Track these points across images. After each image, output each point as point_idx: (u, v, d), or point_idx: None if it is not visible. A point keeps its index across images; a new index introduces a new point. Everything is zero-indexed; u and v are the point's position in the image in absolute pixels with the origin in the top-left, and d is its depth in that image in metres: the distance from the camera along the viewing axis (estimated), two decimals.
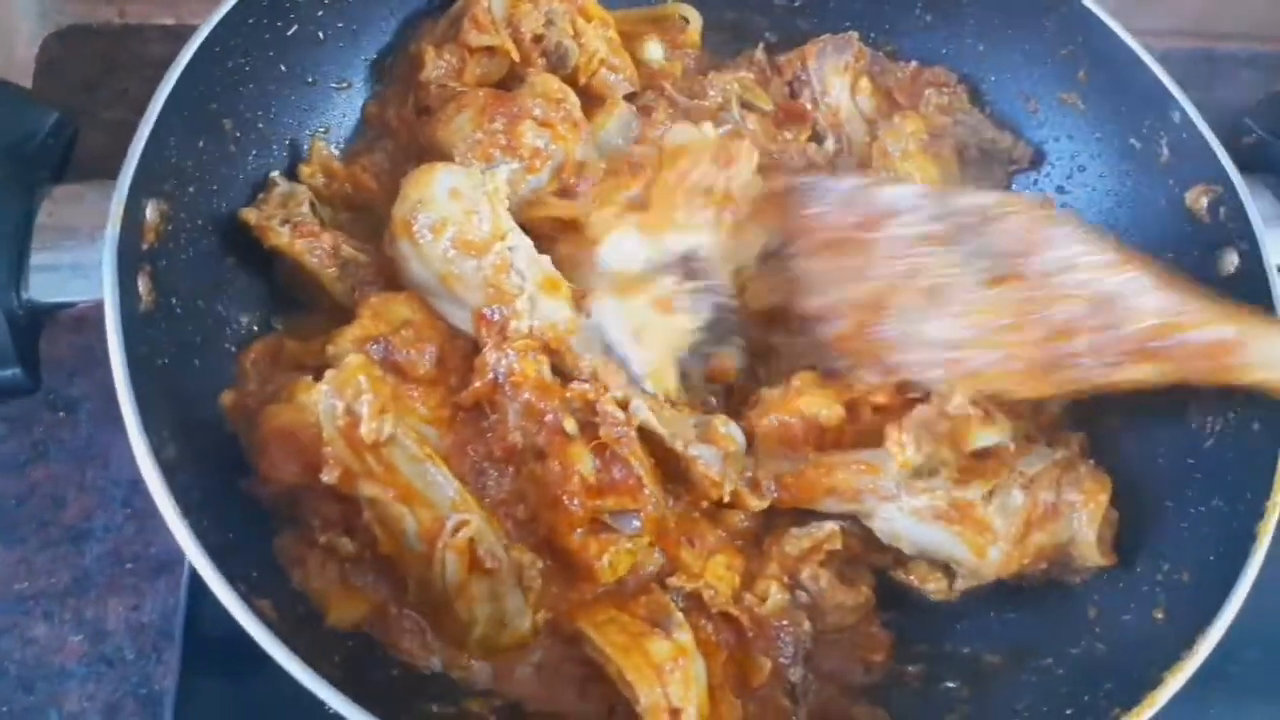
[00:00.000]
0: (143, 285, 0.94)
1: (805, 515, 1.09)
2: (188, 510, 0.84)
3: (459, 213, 1.04)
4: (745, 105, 1.31)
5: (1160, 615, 0.99)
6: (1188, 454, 1.08)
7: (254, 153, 1.14)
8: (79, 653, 1.17)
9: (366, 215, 1.17)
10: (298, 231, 1.08)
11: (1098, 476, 1.06)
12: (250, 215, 1.09)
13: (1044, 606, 1.08)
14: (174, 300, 0.99)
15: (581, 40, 1.25)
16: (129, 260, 0.92)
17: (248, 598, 0.83)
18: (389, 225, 1.07)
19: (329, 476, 0.93)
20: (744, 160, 1.12)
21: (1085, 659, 1.01)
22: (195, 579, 1.08)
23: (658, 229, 1.09)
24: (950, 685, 1.05)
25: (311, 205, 1.13)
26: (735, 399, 1.14)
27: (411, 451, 0.97)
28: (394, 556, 0.96)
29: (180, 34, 1.52)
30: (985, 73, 1.35)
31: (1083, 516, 1.04)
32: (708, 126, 1.16)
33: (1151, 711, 0.88)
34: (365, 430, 0.94)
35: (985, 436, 1.05)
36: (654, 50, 1.33)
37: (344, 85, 1.25)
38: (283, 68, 1.16)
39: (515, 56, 1.23)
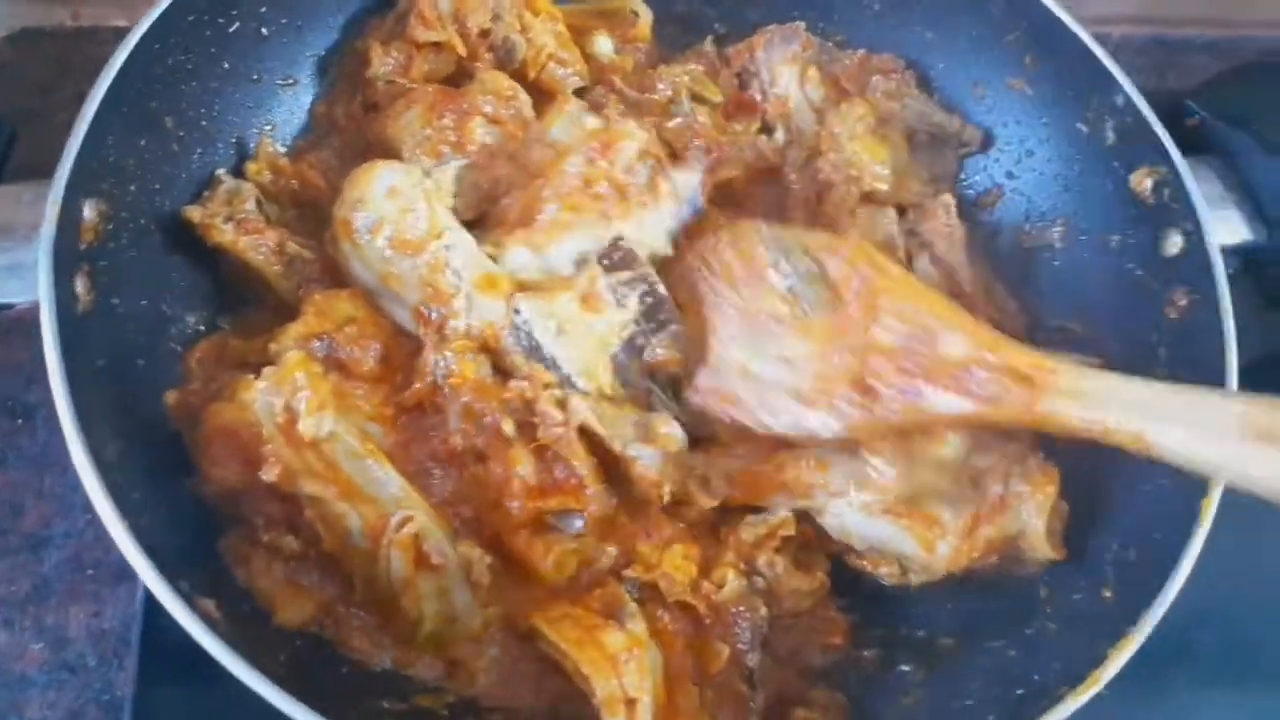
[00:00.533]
0: (80, 285, 0.94)
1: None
2: (126, 510, 0.83)
3: (395, 211, 1.04)
4: (695, 98, 1.31)
5: (1109, 594, 1.00)
6: None
7: (198, 151, 1.13)
8: (40, 660, 1.16)
9: (313, 212, 1.16)
10: (242, 229, 1.08)
11: (1046, 469, 1.06)
12: (194, 213, 1.08)
13: (997, 588, 1.08)
14: (115, 300, 0.99)
15: (529, 35, 1.25)
16: (66, 260, 0.92)
17: (189, 597, 0.82)
18: (330, 225, 1.07)
19: (269, 474, 0.93)
20: (624, 143, 1.12)
21: (1036, 640, 1.01)
22: None
23: (547, 239, 1.09)
24: (905, 668, 1.05)
25: (258, 203, 1.12)
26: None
27: (353, 448, 0.96)
28: (338, 554, 0.95)
29: None
30: (933, 60, 1.35)
31: (1031, 508, 1.04)
32: (590, 118, 1.16)
33: (1097, 688, 0.89)
34: (303, 426, 0.94)
35: (951, 444, 1.05)
36: (604, 45, 1.33)
37: (290, 82, 1.24)
38: (226, 65, 1.15)
39: (462, 52, 1.23)
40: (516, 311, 1.05)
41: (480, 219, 1.15)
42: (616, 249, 1.09)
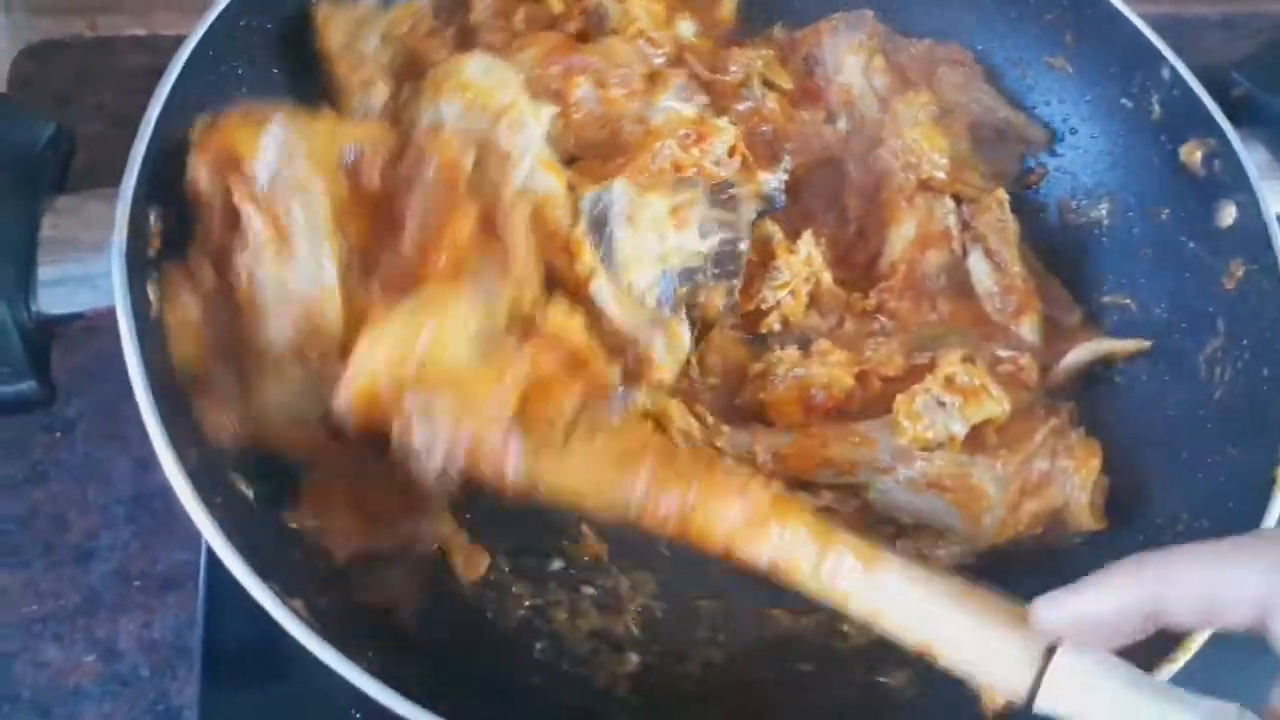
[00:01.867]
0: (153, 292, 0.92)
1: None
2: (215, 515, 0.82)
3: (487, 84, 1.05)
4: (766, 83, 1.29)
5: None
6: (1197, 405, 1.09)
7: None
8: (93, 673, 1.16)
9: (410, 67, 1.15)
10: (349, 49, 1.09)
11: (1088, 444, 1.07)
12: (323, 10, 1.10)
13: (1056, 563, 1.06)
14: None
15: (626, 5, 1.25)
16: (138, 267, 0.90)
17: (281, 598, 0.81)
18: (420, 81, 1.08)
19: None
20: (716, 138, 1.14)
21: None
22: (212, 591, 1.09)
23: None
24: None
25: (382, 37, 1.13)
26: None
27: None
28: None
29: (153, 44, 1.53)
30: (971, 41, 1.35)
31: (1075, 482, 1.05)
32: (687, 106, 1.17)
33: (1187, 656, 0.88)
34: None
35: (989, 408, 1.06)
36: (686, 28, 1.30)
37: None
38: None
39: (558, 8, 1.23)
40: (609, 189, 1.06)
41: None
42: (726, 190, 1.11)
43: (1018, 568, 1.06)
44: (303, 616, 0.82)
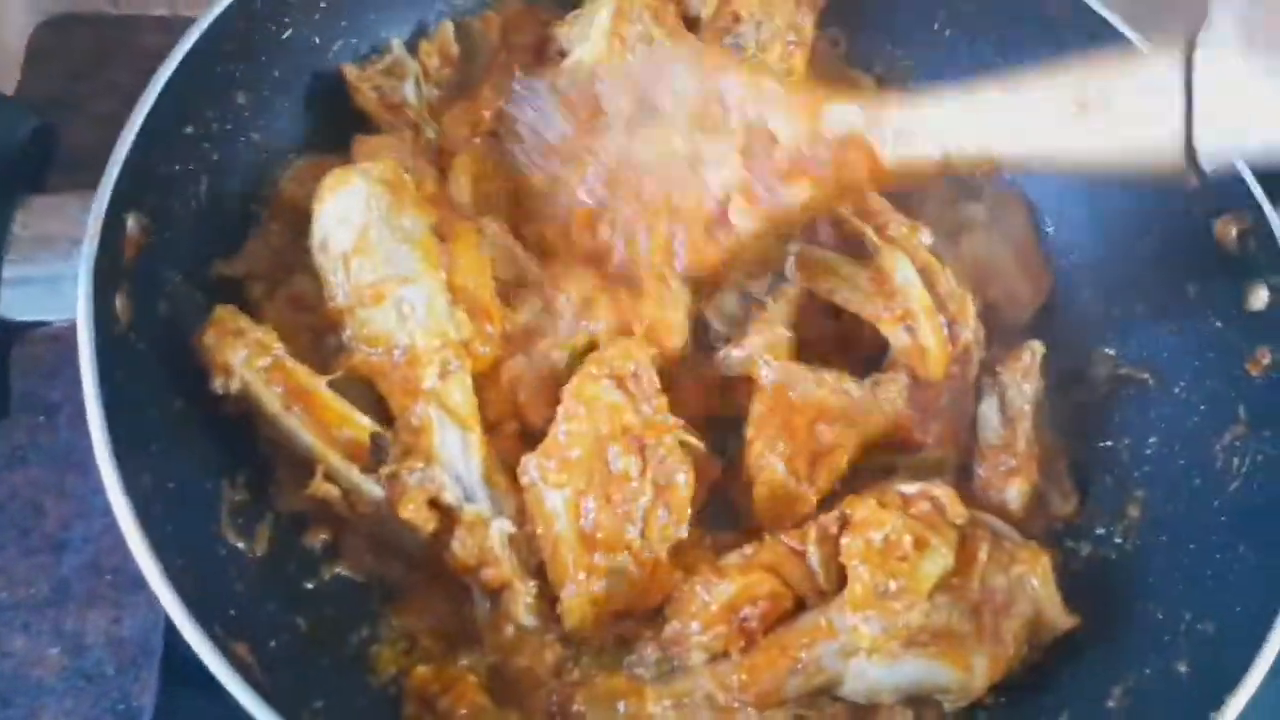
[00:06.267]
0: (120, 304, 0.90)
1: None
2: (160, 547, 0.80)
3: None
4: None
5: (1184, 668, 0.94)
6: (1212, 495, 1.03)
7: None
8: (58, 666, 1.13)
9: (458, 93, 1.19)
10: (384, 103, 1.12)
11: (1028, 546, 1.01)
12: (351, 72, 1.11)
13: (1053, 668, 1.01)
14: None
15: None
16: (107, 276, 0.88)
17: (223, 641, 0.78)
18: None
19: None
20: None
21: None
22: None
23: None
24: None
25: (416, 81, 1.15)
26: None
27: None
28: None
29: (176, 25, 1.49)
30: None
31: (1035, 584, 0.98)
32: None
33: None
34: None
35: (934, 561, 0.96)
36: None
37: None
38: None
39: None
40: None
41: None
42: None
43: None
44: (244, 664, 0.78)
